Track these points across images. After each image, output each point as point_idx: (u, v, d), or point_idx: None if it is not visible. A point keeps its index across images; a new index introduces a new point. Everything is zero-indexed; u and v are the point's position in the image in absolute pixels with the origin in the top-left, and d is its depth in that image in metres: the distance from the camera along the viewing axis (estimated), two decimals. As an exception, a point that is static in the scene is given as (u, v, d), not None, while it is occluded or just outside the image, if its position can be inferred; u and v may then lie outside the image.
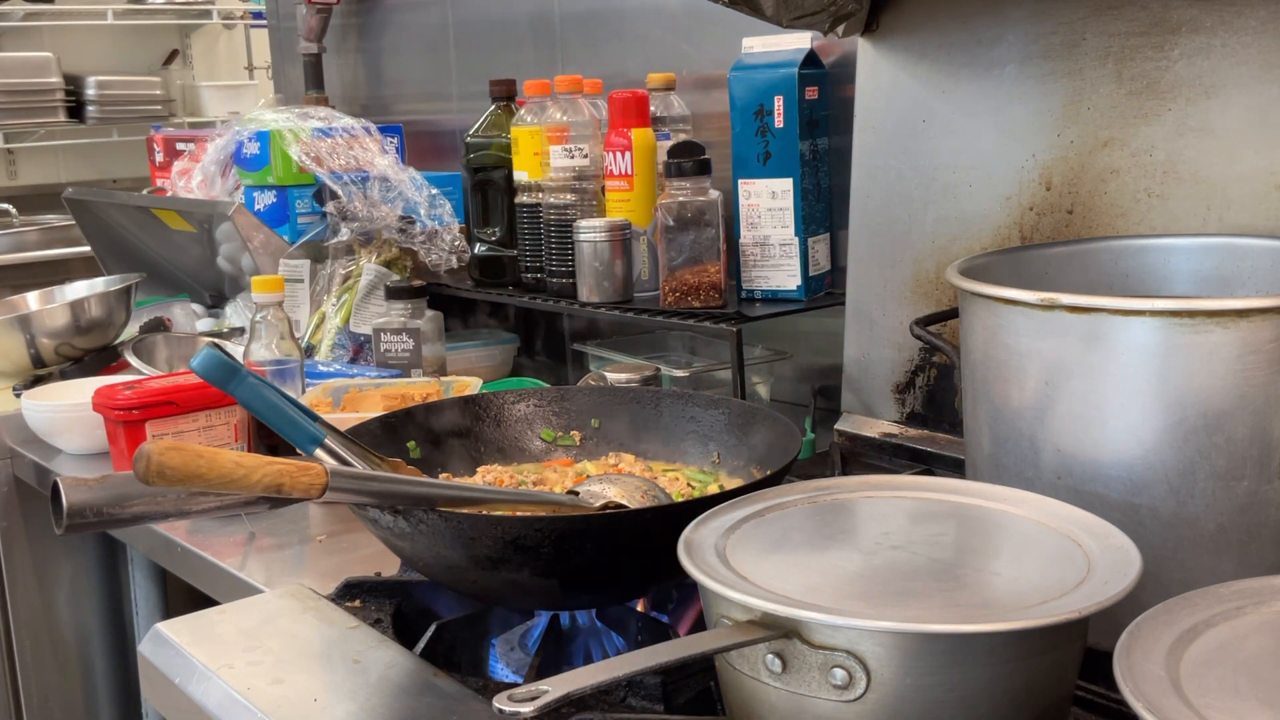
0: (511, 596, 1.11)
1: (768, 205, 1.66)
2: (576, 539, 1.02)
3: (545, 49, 2.24)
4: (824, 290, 1.72)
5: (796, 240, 1.66)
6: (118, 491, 0.92)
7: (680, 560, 0.84)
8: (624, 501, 1.13)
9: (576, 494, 1.15)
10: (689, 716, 0.97)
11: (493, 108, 2.06)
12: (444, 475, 1.28)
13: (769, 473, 1.13)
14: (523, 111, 1.93)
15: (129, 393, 1.67)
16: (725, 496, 0.97)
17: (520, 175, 1.93)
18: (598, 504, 1.12)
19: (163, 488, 0.92)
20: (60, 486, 0.89)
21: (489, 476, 1.28)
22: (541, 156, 1.88)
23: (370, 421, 1.27)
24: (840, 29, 1.51)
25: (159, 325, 2.29)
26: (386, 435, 1.27)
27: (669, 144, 1.75)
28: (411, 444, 1.29)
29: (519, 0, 2.30)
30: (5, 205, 4.57)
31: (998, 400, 1.03)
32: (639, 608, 1.15)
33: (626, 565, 1.06)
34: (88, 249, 2.82)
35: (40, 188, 4.75)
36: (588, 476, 1.21)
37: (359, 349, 2.06)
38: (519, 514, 1.14)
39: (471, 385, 1.66)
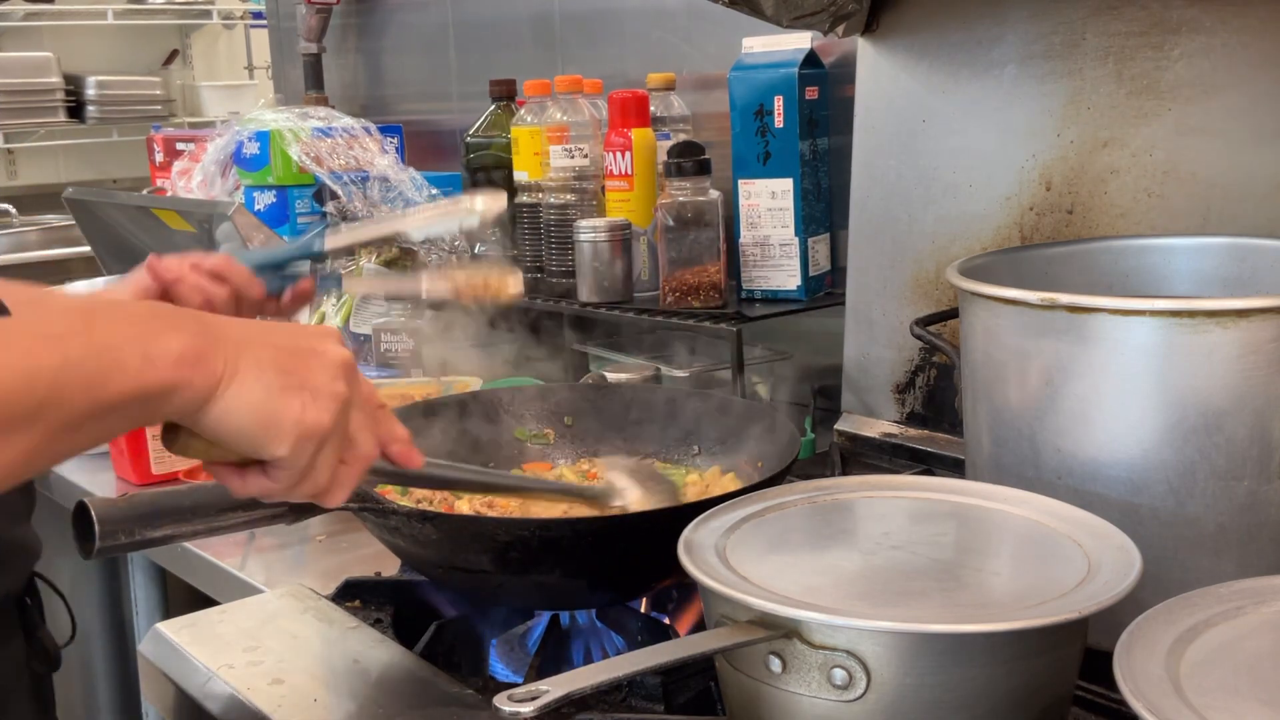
0: (534, 597, 1.12)
1: (768, 205, 1.66)
2: (610, 538, 1.04)
3: (545, 49, 2.24)
4: (824, 290, 1.72)
5: (796, 240, 1.66)
6: (147, 512, 0.89)
7: (680, 560, 0.84)
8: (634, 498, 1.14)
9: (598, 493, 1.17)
10: (689, 716, 0.97)
11: (493, 108, 2.06)
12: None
13: (761, 467, 1.14)
14: (523, 111, 1.93)
15: (129, 393, 1.66)
16: (725, 497, 0.97)
17: (520, 175, 1.93)
18: (618, 502, 1.14)
19: (193, 505, 0.90)
20: (90, 509, 0.85)
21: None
22: (541, 156, 1.88)
23: None
24: (840, 29, 1.51)
25: (159, 325, 2.28)
26: None
27: (669, 144, 1.75)
28: None
29: (519, 0, 2.30)
30: (5, 205, 4.57)
31: (998, 400, 1.03)
32: (641, 608, 1.15)
33: (648, 562, 1.06)
34: (88, 249, 2.81)
35: (40, 188, 4.74)
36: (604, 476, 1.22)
37: (359, 349, 2.06)
38: (540, 515, 1.15)
39: (471, 385, 1.66)
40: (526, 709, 0.71)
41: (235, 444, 0.76)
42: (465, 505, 1.19)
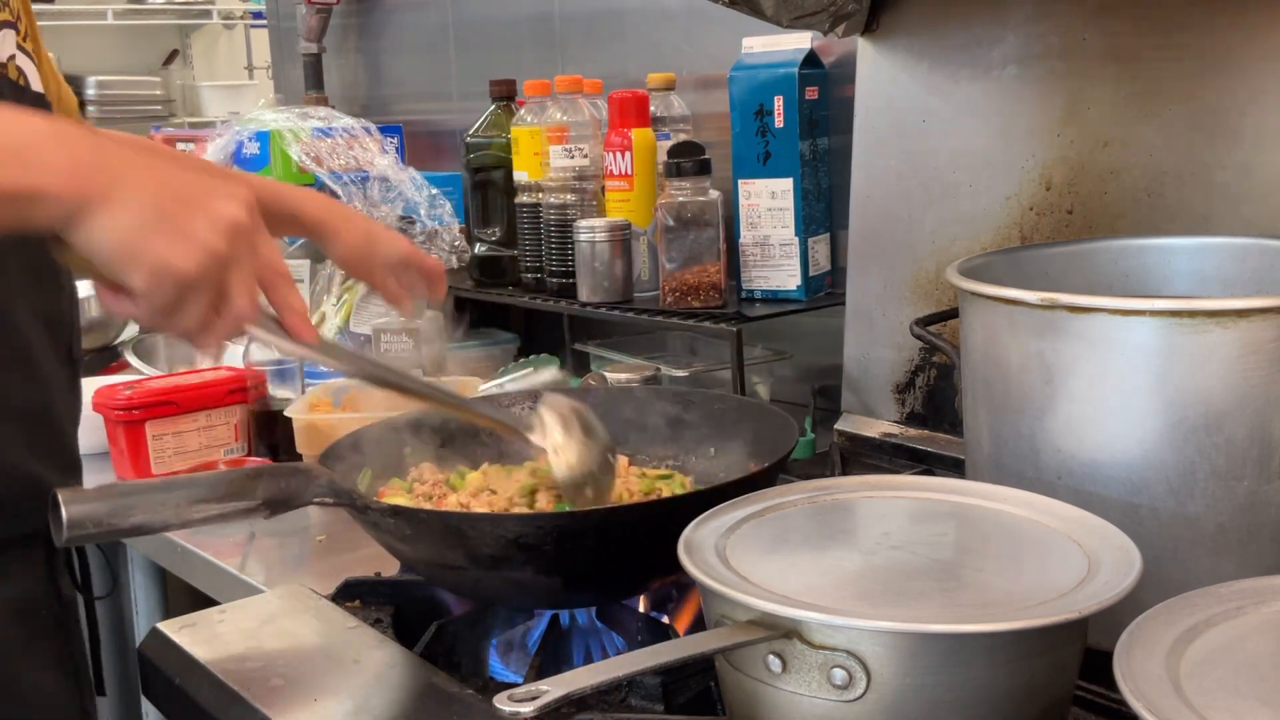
0: (514, 595, 1.11)
1: (768, 205, 1.66)
2: (577, 537, 1.02)
3: (545, 49, 2.24)
4: (824, 290, 1.72)
5: (796, 240, 1.66)
6: (118, 501, 0.91)
7: (680, 560, 0.84)
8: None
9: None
10: (689, 716, 0.97)
11: (493, 108, 2.06)
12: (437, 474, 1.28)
13: (766, 465, 1.13)
14: (523, 111, 1.93)
15: (129, 393, 1.67)
16: (725, 495, 0.97)
17: (520, 175, 1.93)
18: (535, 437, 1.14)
19: (164, 496, 0.92)
20: (59, 498, 0.88)
21: (488, 481, 1.27)
22: (541, 156, 1.88)
23: (368, 428, 1.26)
24: (840, 29, 1.51)
25: (159, 325, 2.28)
26: (385, 439, 1.27)
27: (669, 144, 1.75)
28: (408, 450, 1.29)
29: (519, 0, 2.30)
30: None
31: (998, 400, 1.03)
32: (640, 608, 1.15)
33: (629, 561, 1.06)
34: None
35: (40, 188, 4.74)
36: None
37: (360, 348, 2.06)
38: (517, 512, 1.14)
39: (471, 386, 1.66)
40: (526, 709, 0.71)
41: (99, 265, 0.83)
42: (454, 501, 1.19)
